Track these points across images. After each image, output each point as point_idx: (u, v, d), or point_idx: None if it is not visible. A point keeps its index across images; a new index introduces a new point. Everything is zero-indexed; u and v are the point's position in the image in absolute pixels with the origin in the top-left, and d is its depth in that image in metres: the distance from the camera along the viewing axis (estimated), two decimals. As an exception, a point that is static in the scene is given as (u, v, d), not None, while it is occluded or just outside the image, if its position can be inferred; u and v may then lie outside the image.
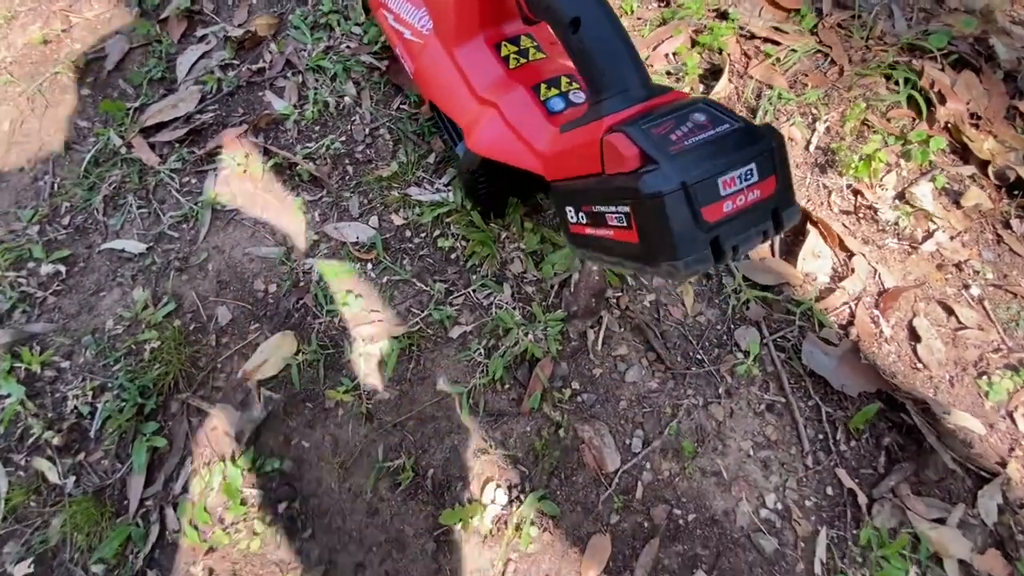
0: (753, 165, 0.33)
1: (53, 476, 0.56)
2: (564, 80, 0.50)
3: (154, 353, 0.60)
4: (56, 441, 0.57)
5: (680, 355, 0.62)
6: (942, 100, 0.76)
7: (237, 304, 0.64)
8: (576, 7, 0.39)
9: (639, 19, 0.83)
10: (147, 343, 0.60)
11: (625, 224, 0.36)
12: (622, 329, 0.63)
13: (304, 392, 0.60)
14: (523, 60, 0.52)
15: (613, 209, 0.37)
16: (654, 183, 0.32)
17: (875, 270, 0.67)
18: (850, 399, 0.60)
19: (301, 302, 0.64)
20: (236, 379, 0.60)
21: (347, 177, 0.70)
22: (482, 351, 0.61)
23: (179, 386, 0.60)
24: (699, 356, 0.62)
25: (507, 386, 0.61)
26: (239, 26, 0.81)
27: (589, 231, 0.41)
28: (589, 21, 0.38)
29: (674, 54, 0.80)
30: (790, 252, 0.68)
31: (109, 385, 0.60)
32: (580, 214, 0.42)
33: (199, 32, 0.81)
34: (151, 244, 0.67)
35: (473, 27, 0.52)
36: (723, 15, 0.83)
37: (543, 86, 0.49)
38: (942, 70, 0.79)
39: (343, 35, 0.80)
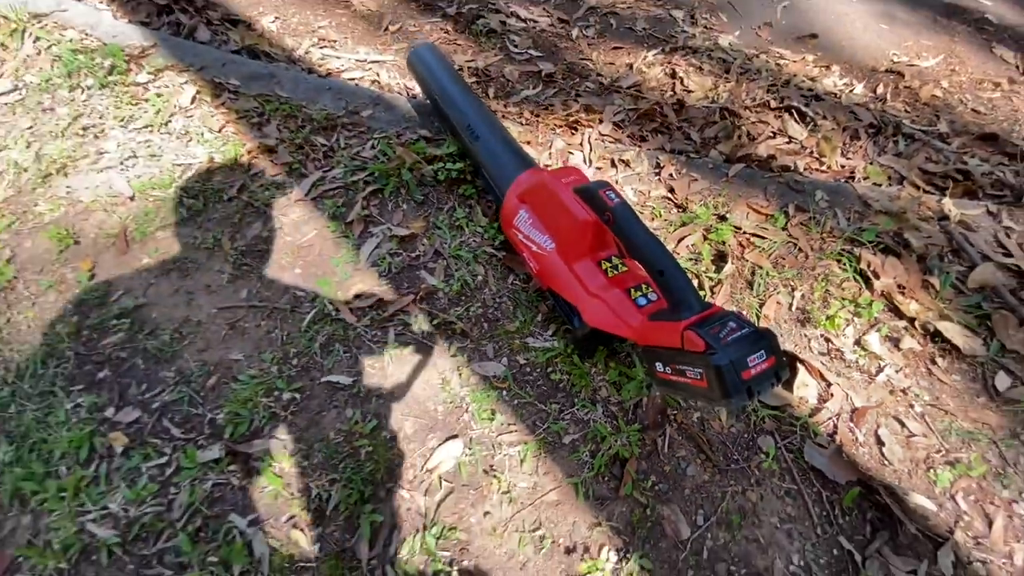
0: (763, 351, 0.66)
1: (304, 543, 0.82)
2: (644, 286, 0.85)
3: (367, 454, 0.89)
4: (305, 517, 0.83)
5: (722, 455, 0.91)
6: (876, 276, 1.13)
7: (418, 420, 0.94)
8: (660, 263, 0.75)
9: (666, 220, 1.23)
10: (362, 448, 0.89)
11: (699, 377, 0.68)
12: (680, 437, 0.93)
13: (469, 482, 0.88)
14: (615, 272, 0.89)
15: (691, 368, 0.69)
16: (717, 360, 0.64)
17: (847, 395, 0.98)
18: (840, 486, 0.88)
19: (460, 418, 0.94)
20: (422, 472, 0.88)
21: (484, 331, 1.04)
22: (587, 453, 0.90)
23: (385, 478, 0.88)
24: (735, 456, 0.91)
25: (607, 478, 0.89)
26: (398, 225, 1.20)
27: (673, 378, 0.73)
28: (668, 271, 0.74)
29: (692, 245, 1.18)
30: (788, 384, 0.99)
31: (337, 478, 0.87)
32: (667, 368, 0.74)
33: (372, 230, 1.20)
34: (355, 378, 0.98)
35: (585, 253, 0.89)
36: (723, 218, 1.23)
37: (631, 289, 0.85)
38: (875, 255, 1.17)
39: (471, 233, 1.19)
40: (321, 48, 1.92)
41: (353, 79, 1.83)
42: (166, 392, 0.97)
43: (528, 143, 1.36)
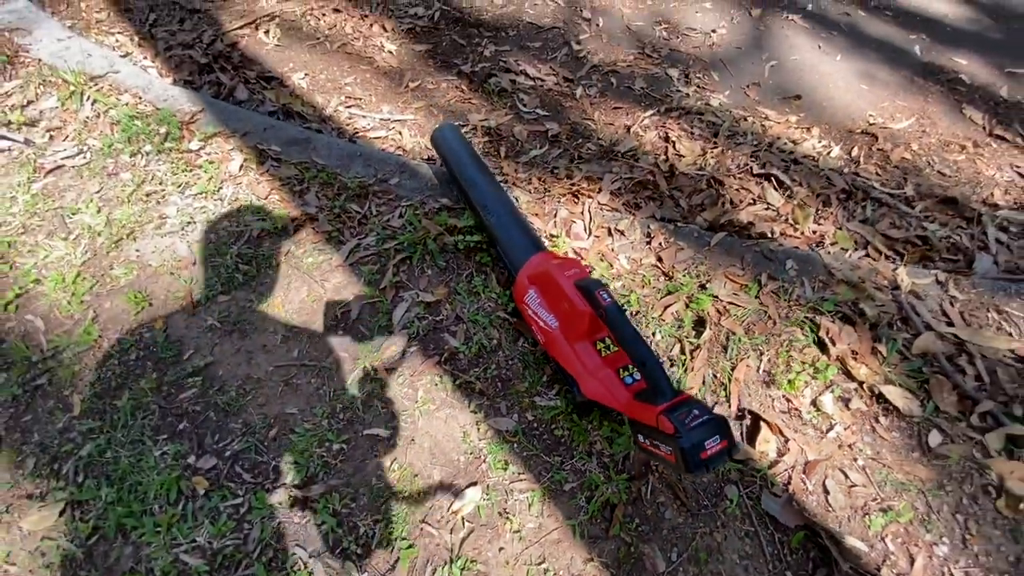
0: (718, 435, 0.85)
1: (355, 572, 1.02)
2: (630, 367, 1.05)
3: (404, 498, 1.09)
4: (355, 550, 1.03)
5: (695, 501, 1.11)
6: (833, 343, 1.32)
7: (444, 468, 1.14)
8: (642, 356, 0.94)
9: (655, 288, 1.43)
10: (400, 493, 1.09)
11: (669, 453, 0.87)
12: (660, 485, 1.12)
13: (487, 522, 1.08)
14: (607, 352, 1.08)
15: (663, 444, 0.89)
16: (682, 443, 0.84)
17: (802, 449, 1.18)
18: (790, 529, 1.07)
19: (479, 467, 1.14)
20: (448, 513, 1.08)
21: (498, 389, 1.24)
22: (584, 499, 1.10)
23: (418, 518, 1.08)
24: (705, 502, 1.11)
25: (599, 520, 1.08)
26: (424, 290, 1.40)
27: (651, 448, 0.93)
28: (648, 363, 0.93)
29: (676, 312, 1.37)
30: (752, 440, 1.18)
31: (380, 518, 1.07)
32: (646, 439, 0.94)
33: (402, 295, 1.40)
34: (392, 431, 1.18)
35: (583, 336, 1.09)
36: (704, 286, 1.42)
37: (620, 369, 1.04)
38: (833, 322, 1.36)
39: (486, 299, 1.39)
40: (348, 107, 2.12)
41: (379, 138, 2.03)
42: (236, 442, 1.18)
43: (536, 215, 1.56)
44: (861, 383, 1.26)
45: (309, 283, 1.43)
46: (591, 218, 1.57)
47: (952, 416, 1.21)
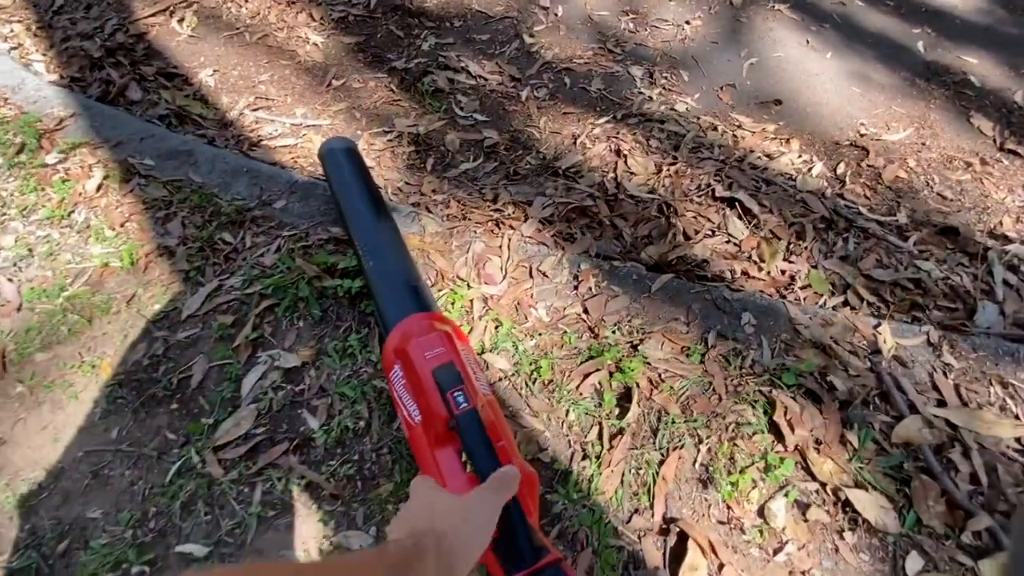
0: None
1: None
2: (499, 489, 0.78)
3: (207, 649, 0.83)
4: None
5: (592, 655, 0.84)
6: (792, 428, 1.04)
7: (270, 603, 0.88)
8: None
9: (575, 349, 1.15)
10: (203, 640, 0.84)
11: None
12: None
13: None
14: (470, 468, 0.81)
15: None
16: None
17: (740, 578, 0.91)
18: None
19: (316, 601, 0.88)
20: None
21: (356, 491, 0.97)
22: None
23: None
24: (606, 656, 0.84)
25: None
26: (288, 350, 1.13)
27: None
28: (507, 509, 0.67)
29: (598, 383, 1.10)
30: (675, 565, 0.92)
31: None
32: None
33: (259, 355, 1.13)
34: (211, 548, 0.92)
35: (446, 442, 0.82)
36: (635, 347, 1.14)
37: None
38: (794, 398, 1.08)
39: (363, 361, 1.12)
40: (255, 111, 1.84)
41: (286, 146, 1.75)
42: (16, 557, 0.92)
43: (439, 252, 1.28)
44: (823, 484, 0.99)
45: (150, 338, 1.16)
46: (509, 255, 1.29)
47: (938, 533, 0.94)
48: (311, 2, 2.22)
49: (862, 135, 1.78)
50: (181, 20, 2.17)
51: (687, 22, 2.15)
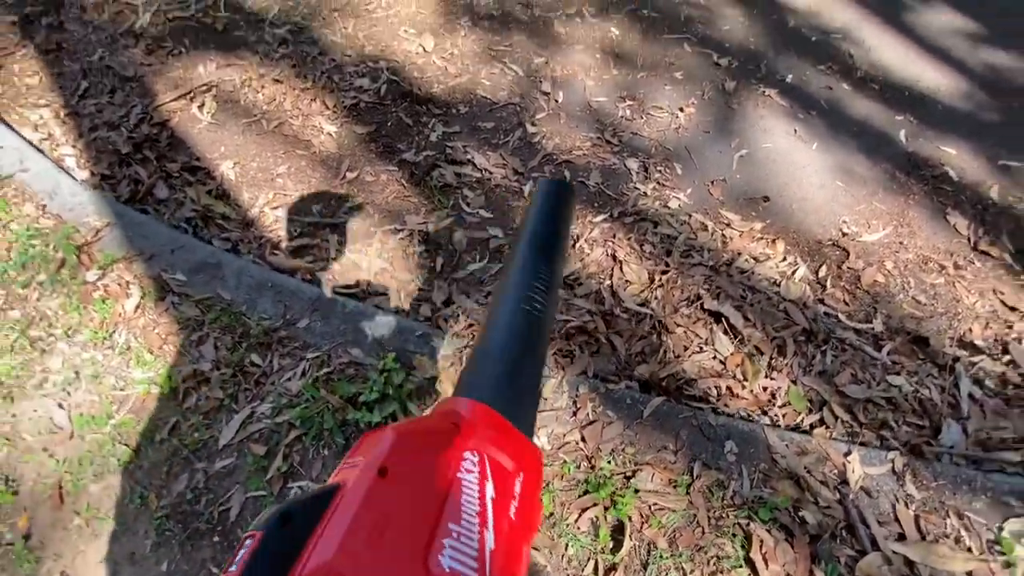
0: None
1: None
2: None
3: None
4: None
5: None
6: (766, 564, 1.17)
7: None
8: None
9: (573, 480, 1.28)
10: None
11: None
12: None
13: None
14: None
15: None
16: None
17: None
18: None
19: None
20: None
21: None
22: None
23: None
24: None
25: None
26: (317, 479, 1.26)
27: None
28: None
29: (594, 517, 1.23)
30: None
31: None
32: None
33: (291, 485, 1.26)
34: None
35: None
36: (629, 478, 1.27)
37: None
38: (769, 532, 1.21)
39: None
40: (275, 208, 1.96)
41: (303, 247, 1.87)
42: None
43: (450, 379, 1.40)
44: (793, 618, 1.12)
45: (190, 470, 1.29)
46: (513, 380, 1.42)
47: (893, 666, 1.07)
48: (324, 88, 2.34)
49: (844, 234, 1.89)
50: (201, 106, 2.29)
51: (681, 109, 2.26)
